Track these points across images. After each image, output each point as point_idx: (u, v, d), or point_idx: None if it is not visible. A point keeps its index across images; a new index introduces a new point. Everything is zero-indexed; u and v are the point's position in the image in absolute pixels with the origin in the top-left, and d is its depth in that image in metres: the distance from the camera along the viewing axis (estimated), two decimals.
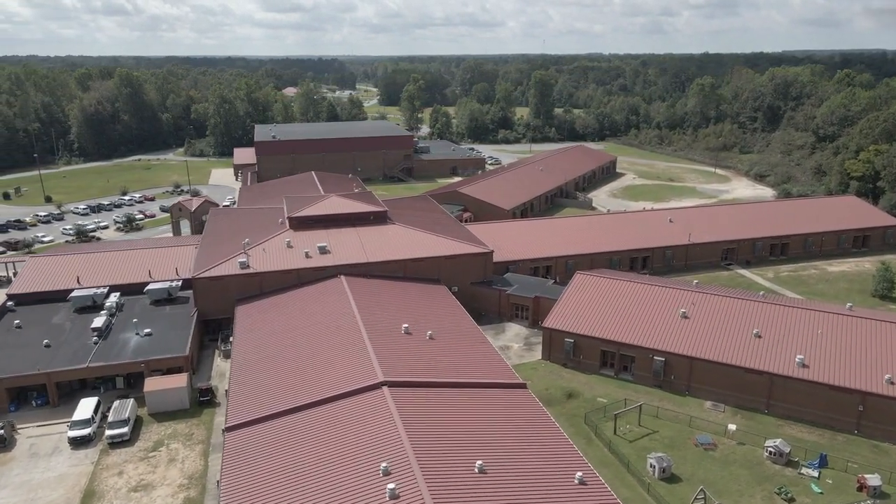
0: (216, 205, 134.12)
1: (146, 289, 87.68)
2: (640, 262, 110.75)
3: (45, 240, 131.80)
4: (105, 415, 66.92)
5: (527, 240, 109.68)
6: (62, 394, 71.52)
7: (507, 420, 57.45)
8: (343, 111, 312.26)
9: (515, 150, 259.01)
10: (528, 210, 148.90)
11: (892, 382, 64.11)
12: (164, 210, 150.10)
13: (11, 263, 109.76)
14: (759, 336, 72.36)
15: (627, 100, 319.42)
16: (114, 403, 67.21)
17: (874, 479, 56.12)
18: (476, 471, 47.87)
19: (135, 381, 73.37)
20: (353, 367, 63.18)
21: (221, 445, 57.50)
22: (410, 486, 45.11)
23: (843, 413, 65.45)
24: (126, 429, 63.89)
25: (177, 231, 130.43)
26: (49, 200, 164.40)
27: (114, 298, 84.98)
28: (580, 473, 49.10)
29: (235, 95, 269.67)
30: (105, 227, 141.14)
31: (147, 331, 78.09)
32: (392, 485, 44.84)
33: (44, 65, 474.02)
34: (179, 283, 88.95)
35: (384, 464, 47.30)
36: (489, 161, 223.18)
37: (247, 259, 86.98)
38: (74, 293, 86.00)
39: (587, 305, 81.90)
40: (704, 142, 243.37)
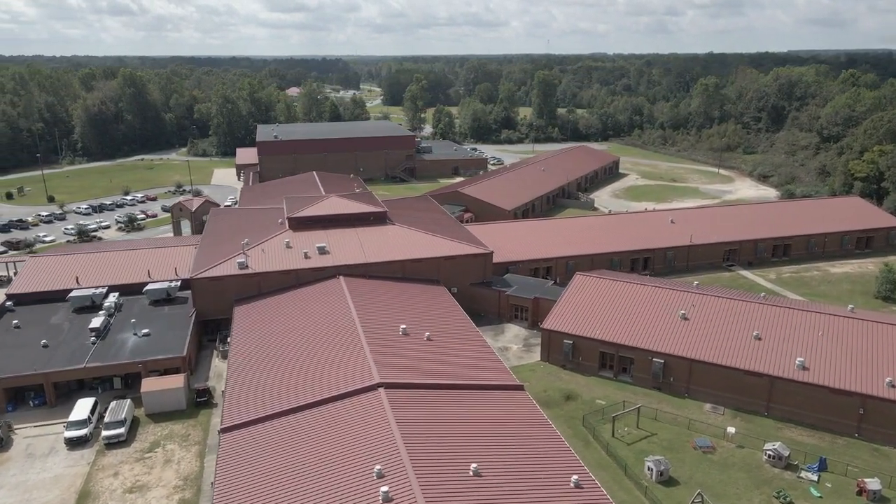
0: (217, 205, 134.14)
1: (145, 289, 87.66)
2: (642, 263, 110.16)
3: (47, 239, 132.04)
4: (102, 415, 66.87)
5: (527, 240, 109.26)
6: (60, 394, 71.55)
7: (504, 422, 57.14)
8: (346, 111, 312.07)
9: (518, 151, 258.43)
10: (530, 210, 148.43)
11: (894, 385, 63.55)
12: (166, 210, 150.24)
13: (12, 263, 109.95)
14: (760, 338, 71.83)
15: (631, 100, 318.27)
16: (110, 404, 67.18)
17: (874, 484, 55.61)
18: (470, 474, 47.60)
19: (132, 382, 73.40)
20: (350, 369, 62.96)
21: (217, 447, 57.33)
22: (404, 489, 44.87)
23: (844, 416, 64.90)
24: (122, 429, 63.83)
25: (177, 231, 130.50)
26: (51, 200, 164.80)
27: (112, 298, 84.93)
28: (576, 476, 48.74)
29: (238, 95, 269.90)
30: (106, 227, 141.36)
31: (145, 331, 78.00)
32: (385, 487, 44.62)
33: (49, 65, 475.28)
34: (178, 284, 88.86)
35: (378, 466, 47.09)
36: (492, 161, 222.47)
37: (245, 259, 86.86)
38: (73, 293, 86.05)
39: (586, 306, 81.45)
40: (708, 142, 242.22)
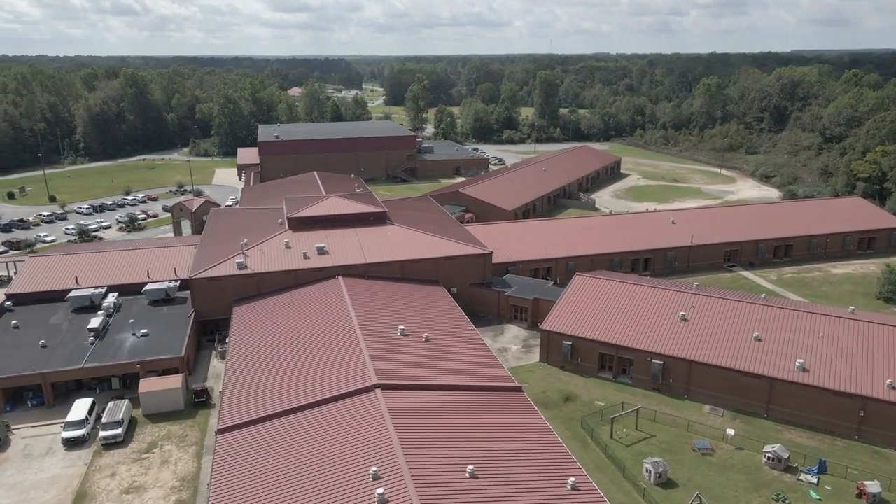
0: (217, 205, 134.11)
1: (144, 289, 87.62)
2: (642, 264, 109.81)
3: (48, 239, 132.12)
4: (100, 416, 66.78)
5: (527, 241, 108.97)
6: (58, 394, 71.50)
7: (501, 424, 56.90)
8: (347, 111, 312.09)
9: (520, 151, 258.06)
10: (531, 211, 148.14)
11: (894, 387, 63.18)
12: (167, 210, 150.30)
13: (13, 263, 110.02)
14: (759, 339, 71.47)
15: (633, 100, 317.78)
16: (108, 404, 67.11)
17: (874, 486, 55.23)
18: (467, 475, 47.39)
19: (131, 382, 73.37)
20: (347, 370, 62.77)
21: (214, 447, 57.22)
22: (400, 491, 44.65)
23: (844, 418, 64.52)
24: (120, 430, 63.73)
25: (178, 231, 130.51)
26: (53, 200, 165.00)
27: (111, 299, 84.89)
28: (573, 479, 48.49)
29: (240, 95, 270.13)
30: (107, 227, 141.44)
31: (144, 331, 77.90)
32: (381, 489, 44.39)
33: (52, 65, 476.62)
34: (177, 284, 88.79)
35: (374, 468, 46.90)
36: (493, 161, 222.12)
37: (244, 259, 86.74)
38: (72, 293, 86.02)
39: (586, 307, 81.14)
40: (710, 142, 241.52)
